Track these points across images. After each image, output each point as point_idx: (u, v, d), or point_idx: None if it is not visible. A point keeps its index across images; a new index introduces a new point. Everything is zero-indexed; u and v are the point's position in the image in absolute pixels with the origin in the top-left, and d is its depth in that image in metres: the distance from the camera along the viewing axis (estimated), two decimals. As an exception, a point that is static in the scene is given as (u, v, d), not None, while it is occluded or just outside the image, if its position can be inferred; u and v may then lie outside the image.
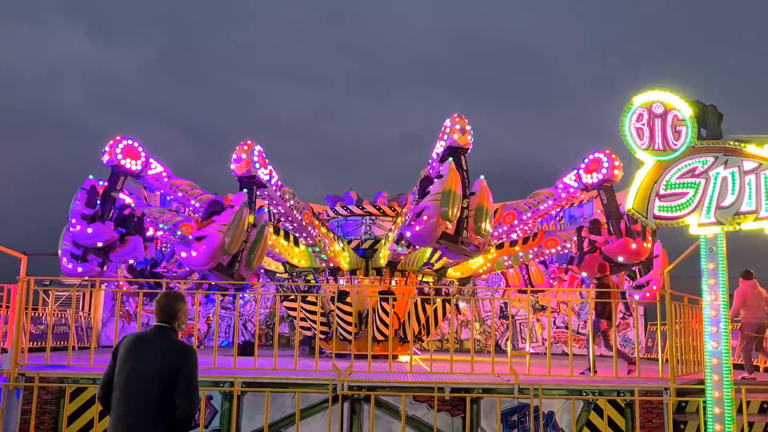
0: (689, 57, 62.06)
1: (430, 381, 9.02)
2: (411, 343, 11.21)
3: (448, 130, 11.19)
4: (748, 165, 6.78)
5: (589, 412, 8.92)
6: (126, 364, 4.48)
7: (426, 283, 15.54)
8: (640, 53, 68.05)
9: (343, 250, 14.80)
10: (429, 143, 12.50)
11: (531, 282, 17.43)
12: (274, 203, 12.84)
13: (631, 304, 16.13)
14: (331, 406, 8.63)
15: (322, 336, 14.57)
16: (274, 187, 12.26)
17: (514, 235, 15.31)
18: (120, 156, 12.21)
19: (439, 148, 11.53)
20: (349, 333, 14.04)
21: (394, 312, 13.69)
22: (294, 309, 14.62)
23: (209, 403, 8.86)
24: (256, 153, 11.66)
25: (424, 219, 10.31)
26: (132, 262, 13.03)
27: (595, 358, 10.79)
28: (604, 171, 12.66)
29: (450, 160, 10.89)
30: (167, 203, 16.66)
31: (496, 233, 14.31)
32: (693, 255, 7.83)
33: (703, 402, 7.96)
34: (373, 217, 15.77)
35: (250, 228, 11.34)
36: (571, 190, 13.54)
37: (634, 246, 11.70)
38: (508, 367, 9.27)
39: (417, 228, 10.39)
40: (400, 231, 11.80)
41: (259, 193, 12.26)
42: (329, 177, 67.82)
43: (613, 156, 12.85)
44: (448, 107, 70.55)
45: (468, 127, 11.16)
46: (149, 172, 12.78)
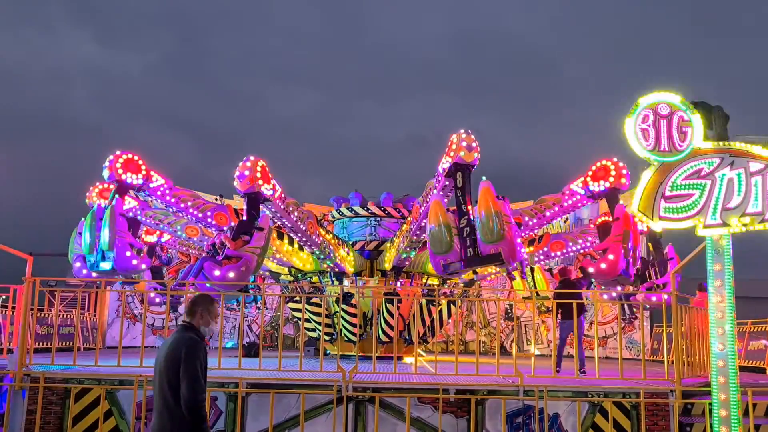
0: (695, 58, 61.92)
1: (435, 382, 9.01)
2: (416, 345, 11.19)
3: (454, 147, 11.13)
4: (755, 166, 6.75)
5: (594, 414, 8.89)
6: (155, 363, 4.74)
7: (431, 285, 15.52)
8: (646, 55, 67.98)
9: (348, 254, 14.80)
10: (435, 145, 12.54)
11: (536, 286, 17.36)
12: (278, 216, 12.93)
13: (637, 307, 16.09)
14: (335, 408, 8.63)
15: (327, 337, 14.56)
16: (278, 201, 12.35)
17: (518, 240, 15.27)
18: (121, 171, 12.29)
19: (445, 164, 11.49)
20: (353, 334, 14.03)
21: (399, 313, 13.69)
22: (299, 310, 14.65)
23: (214, 404, 8.87)
24: (259, 168, 11.73)
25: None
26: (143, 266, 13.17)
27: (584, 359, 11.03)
28: (611, 179, 12.67)
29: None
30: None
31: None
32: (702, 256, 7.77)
33: (709, 404, 7.93)
34: (378, 218, 15.77)
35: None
36: (578, 197, 13.55)
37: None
38: (514, 368, 9.24)
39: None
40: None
41: (263, 207, 12.41)
42: (335, 179, 67.95)
43: (621, 164, 12.85)
44: (453, 110, 70.68)
45: (474, 144, 11.11)
46: (150, 184, 12.86)
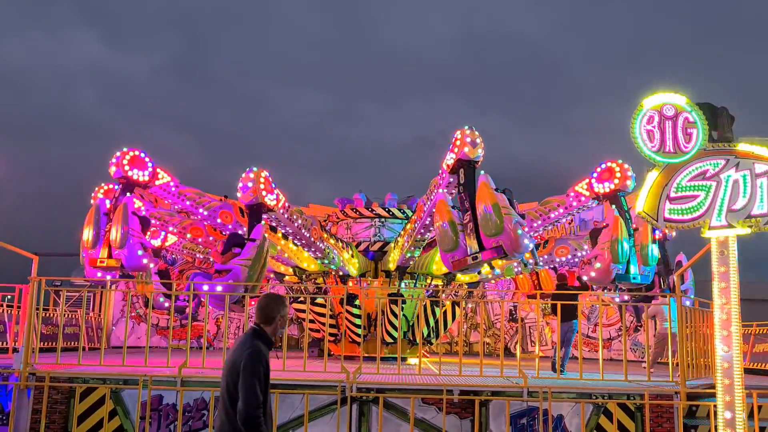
0: (700, 59, 61.75)
1: (439, 383, 9.00)
2: (420, 346, 11.18)
3: (458, 143, 11.14)
4: (760, 168, 6.72)
5: (598, 415, 8.87)
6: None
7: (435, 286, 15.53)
8: (651, 57, 67.84)
9: (352, 257, 14.81)
10: (441, 147, 12.55)
11: (540, 287, 17.37)
12: (282, 225, 12.99)
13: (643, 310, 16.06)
14: (339, 408, 8.63)
15: (331, 338, 14.58)
16: (281, 210, 12.39)
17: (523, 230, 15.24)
18: (127, 167, 12.33)
19: (449, 160, 11.50)
20: (357, 335, 14.04)
21: (403, 314, 13.69)
22: (303, 311, 14.65)
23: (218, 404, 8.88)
24: (262, 180, 11.76)
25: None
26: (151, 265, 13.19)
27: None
28: (617, 181, 12.65)
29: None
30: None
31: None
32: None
33: (714, 406, 7.91)
34: (383, 219, 15.78)
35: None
36: (582, 198, 13.53)
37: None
38: (518, 369, 9.24)
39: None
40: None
41: (267, 217, 12.46)
42: (340, 180, 68.07)
43: (626, 166, 12.83)
44: (460, 111, 70.71)
45: (479, 140, 11.11)
46: (156, 182, 12.90)
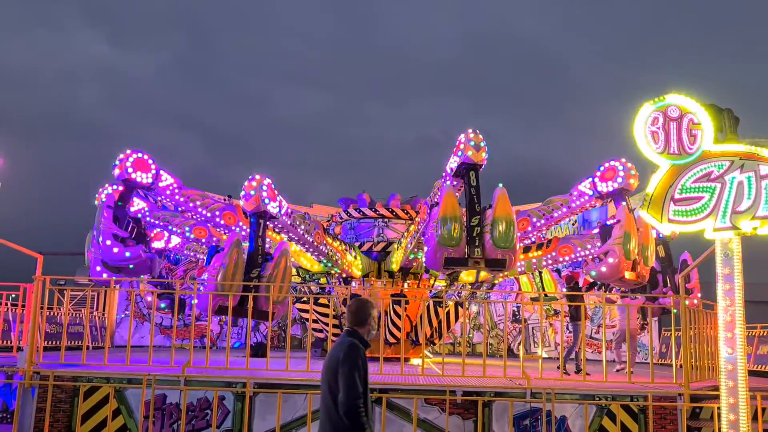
0: (706, 60, 61.63)
1: (442, 384, 9.00)
2: (423, 346, 11.19)
3: (462, 146, 11.11)
4: (765, 169, 6.70)
5: (602, 417, 8.86)
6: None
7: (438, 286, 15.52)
8: (656, 57, 67.76)
9: (355, 258, 14.82)
10: (445, 147, 12.53)
11: (544, 289, 17.35)
12: (285, 231, 12.99)
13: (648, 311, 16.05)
14: (342, 408, 8.63)
15: (334, 338, 14.57)
16: (284, 217, 12.41)
17: (527, 241, 15.26)
18: (131, 170, 12.35)
19: (453, 163, 11.48)
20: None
21: (406, 315, 13.69)
22: (306, 311, 14.68)
23: (221, 403, 8.90)
24: (265, 187, 11.76)
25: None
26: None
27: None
28: (620, 180, 12.62)
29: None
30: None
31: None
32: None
33: (718, 408, 7.89)
34: (386, 219, 15.78)
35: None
36: (586, 197, 13.50)
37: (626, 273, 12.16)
38: (521, 371, 9.23)
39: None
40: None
41: (270, 224, 12.49)
42: (343, 180, 68.10)
43: (629, 165, 12.80)
44: (463, 111, 70.72)
45: (482, 143, 11.08)
46: (160, 184, 12.91)
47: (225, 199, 20.94)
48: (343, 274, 14.92)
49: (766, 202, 6.66)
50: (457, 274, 15.44)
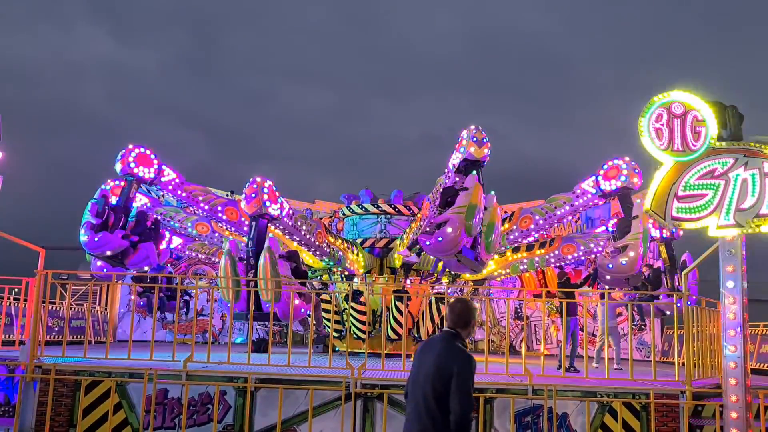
0: (710, 58, 61.43)
1: (444, 380, 8.98)
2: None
3: (464, 143, 11.09)
4: (769, 167, 6.69)
5: (603, 414, 8.84)
6: (414, 365, 4.69)
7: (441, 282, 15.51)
8: (660, 55, 67.59)
9: (357, 256, 14.82)
10: (448, 144, 12.51)
11: (546, 285, 17.33)
12: (287, 232, 13.02)
13: (648, 314, 16.05)
14: (344, 404, 8.63)
15: (336, 334, 14.58)
16: (285, 219, 12.44)
17: (530, 239, 15.25)
18: (133, 165, 12.35)
19: (455, 159, 11.46)
20: (362, 332, 14.05)
21: (408, 311, 13.68)
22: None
23: (223, 398, 8.90)
24: (266, 190, 11.78)
25: (448, 231, 10.35)
26: (147, 268, 13.14)
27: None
28: (623, 178, 12.59)
29: (474, 173, 10.98)
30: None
31: (512, 236, 14.27)
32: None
33: (720, 406, 7.88)
34: (389, 216, 15.77)
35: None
36: (589, 196, 13.48)
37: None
38: (523, 367, 9.21)
39: (439, 239, 10.45)
40: (416, 238, 11.83)
41: (272, 225, 12.58)
42: (346, 177, 67.96)
43: (633, 163, 12.77)
44: (467, 108, 70.63)
45: (485, 139, 11.06)
46: (162, 179, 12.91)
47: (228, 195, 20.97)
48: (345, 272, 14.93)
49: (770, 199, 6.64)
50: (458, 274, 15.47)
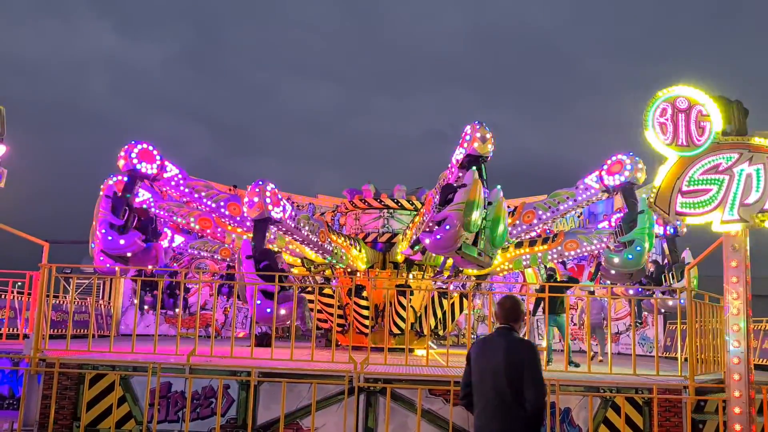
0: (715, 53, 61.23)
1: (447, 375, 9.00)
2: (427, 337, 11.18)
3: (468, 138, 11.08)
4: (774, 161, 6.66)
5: (606, 409, 8.84)
6: (477, 365, 4.84)
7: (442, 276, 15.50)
8: (665, 49, 67.37)
9: (360, 251, 14.83)
10: (453, 140, 12.49)
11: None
12: (289, 233, 13.06)
13: (650, 311, 16.06)
14: (347, 398, 8.65)
15: (339, 329, 14.61)
16: (288, 221, 12.47)
17: (533, 234, 15.24)
18: (135, 160, 12.35)
19: (458, 155, 11.45)
20: (365, 326, 14.07)
21: (411, 306, 13.69)
22: (311, 301, 14.68)
23: (226, 392, 8.93)
24: (268, 193, 11.78)
25: (447, 228, 10.38)
26: (151, 267, 13.17)
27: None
28: (627, 173, 12.57)
29: (474, 169, 10.93)
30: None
31: (515, 231, 14.26)
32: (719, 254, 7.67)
33: (723, 401, 7.87)
34: (391, 210, 15.77)
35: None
36: (592, 191, 13.46)
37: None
38: (525, 362, 9.20)
39: (438, 236, 10.48)
40: (418, 236, 11.85)
41: (274, 227, 12.66)
42: (350, 172, 68.09)
43: (636, 158, 12.74)
44: (471, 104, 70.57)
45: (489, 135, 11.05)
46: (164, 174, 12.92)
47: (230, 189, 20.99)
48: (348, 269, 14.96)
49: (774, 194, 6.62)
50: (459, 269, 15.47)
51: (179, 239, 16.11)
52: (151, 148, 12.64)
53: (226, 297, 20.40)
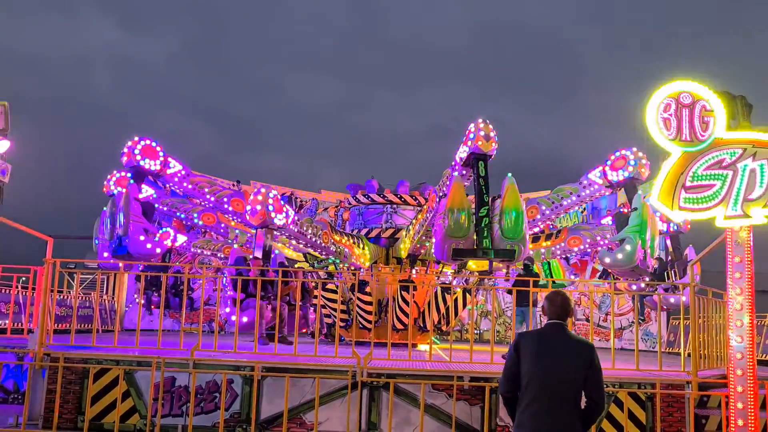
0: (718, 48, 60.97)
1: (450, 370, 9.02)
2: (431, 332, 11.19)
3: (472, 136, 11.05)
4: (778, 157, 6.64)
5: (609, 404, 8.85)
6: (540, 361, 4.63)
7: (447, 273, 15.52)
8: (669, 44, 67.10)
9: (363, 249, 14.85)
10: (456, 135, 12.46)
11: (552, 275, 17.33)
12: (293, 238, 13.11)
13: (653, 308, 16.04)
14: (350, 393, 8.67)
15: (342, 324, 14.63)
16: (291, 226, 12.52)
17: (536, 229, 15.22)
18: (139, 157, 12.36)
19: (462, 153, 11.42)
20: (368, 321, 14.09)
21: (414, 301, 13.70)
22: (315, 296, 14.69)
23: (230, 386, 8.96)
24: (270, 201, 11.81)
25: (436, 241, 10.86)
26: (156, 262, 13.21)
27: None
28: (631, 169, 12.54)
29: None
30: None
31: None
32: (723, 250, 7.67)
33: (726, 397, 7.87)
34: (395, 205, 15.76)
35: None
36: (596, 186, 13.44)
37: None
38: (528, 357, 9.20)
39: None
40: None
41: (278, 233, 12.74)
42: (354, 167, 68.09)
43: (640, 154, 12.71)
44: (474, 99, 70.43)
45: (492, 133, 11.02)
46: (168, 171, 12.93)
47: (233, 185, 21.01)
48: (353, 267, 14.98)
49: (778, 190, 6.59)
50: (466, 263, 15.45)
51: (182, 238, 16.14)
52: (154, 144, 12.64)
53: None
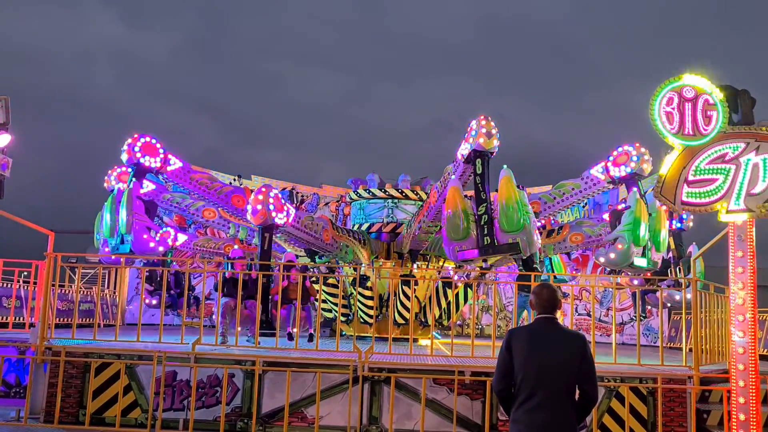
0: (721, 42, 60.80)
1: (451, 364, 9.02)
2: (432, 327, 11.18)
3: (474, 133, 11.00)
4: (781, 151, 6.61)
5: (610, 399, 8.85)
6: (533, 356, 4.55)
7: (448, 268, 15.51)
8: (671, 39, 66.95)
9: (364, 245, 14.85)
10: (458, 130, 12.45)
11: (553, 270, 17.28)
12: (294, 236, 13.15)
13: (655, 305, 16.02)
14: (351, 387, 8.68)
15: (343, 318, 14.63)
16: (292, 224, 12.54)
17: (538, 224, 15.20)
18: (139, 154, 12.32)
19: (464, 150, 11.38)
20: (369, 316, 14.09)
21: (415, 296, 13.70)
22: (316, 291, 14.70)
23: (231, 380, 8.96)
24: (271, 200, 11.79)
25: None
26: (156, 258, 13.19)
27: None
28: (633, 164, 12.51)
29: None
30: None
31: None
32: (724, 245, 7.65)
33: (727, 391, 7.87)
34: (396, 200, 15.74)
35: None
36: (598, 182, 13.41)
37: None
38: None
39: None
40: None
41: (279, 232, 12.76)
42: (355, 162, 68.03)
43: (642, 149, 12.67)
44: (477, 93, 70.28)
45: (494, 130, 10.98)
46: (168, 168, 12.90)
47: (234, 179, 20.99)
48: (353, 263, 14.99)
49: (781, 184, 6.57)
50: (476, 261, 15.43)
51: (182, 237, 16.11)
52: (154, 141, 12.60)
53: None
